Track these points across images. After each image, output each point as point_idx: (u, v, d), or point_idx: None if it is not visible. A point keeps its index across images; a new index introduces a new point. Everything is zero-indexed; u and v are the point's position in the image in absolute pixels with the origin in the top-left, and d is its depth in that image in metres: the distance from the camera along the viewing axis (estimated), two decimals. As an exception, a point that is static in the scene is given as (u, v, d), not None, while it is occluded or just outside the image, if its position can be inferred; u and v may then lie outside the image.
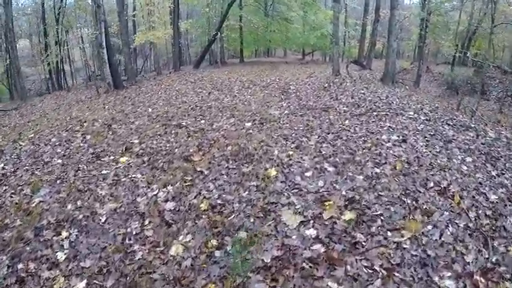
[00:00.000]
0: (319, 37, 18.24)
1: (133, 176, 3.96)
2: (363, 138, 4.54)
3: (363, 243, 2.48)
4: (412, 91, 10.21)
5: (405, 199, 2.97)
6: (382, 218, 2.74)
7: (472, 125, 5.48)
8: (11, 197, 3.76)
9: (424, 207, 2.88)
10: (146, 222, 3.06)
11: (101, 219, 3.17)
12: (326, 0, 25.26)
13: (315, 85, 9.31)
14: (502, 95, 13.19)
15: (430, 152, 4.14)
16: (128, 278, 2.46)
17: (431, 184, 3.24)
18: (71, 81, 20.23)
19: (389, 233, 2.57)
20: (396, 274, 2.21)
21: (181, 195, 3.40)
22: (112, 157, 4.59)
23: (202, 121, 6.06)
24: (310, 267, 2.30)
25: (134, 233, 2.94)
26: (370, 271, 2.24)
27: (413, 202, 2.94)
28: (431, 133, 4.86)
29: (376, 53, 21.64)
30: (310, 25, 18.85)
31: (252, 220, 2.84)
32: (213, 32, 16.19)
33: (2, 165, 4.75)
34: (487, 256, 2.41)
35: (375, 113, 5.90)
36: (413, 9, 21.43)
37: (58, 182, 3.99)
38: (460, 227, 2.71)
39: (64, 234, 2.99)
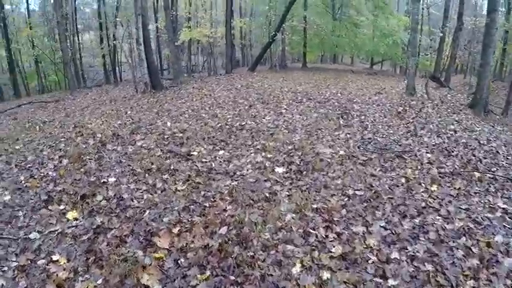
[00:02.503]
0: (390, 45, 15.75)
1: (51, 260, 2.33)
2: (464, 237, 2.43)
3: None
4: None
5: None
6: None
7: None
8: None
9: None
10: None
11: None
12: (398, 4, 21.96)
13: (385, 107, 7.01)
14: None
15: None
16: None
17: None
18: (131, 75, 20.50)
19: None
20: None
21: None
22: (62, 207, 3.11)
23: (221, 152, 4.40)
24: None
25: None
26: None
27: None
28: None
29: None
30: (380, 31, 16.21)
31: None
32: (272, 32, 14.49)
33: None
34: None
35: (477, 175, 3.56)
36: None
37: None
38: None
39: None
